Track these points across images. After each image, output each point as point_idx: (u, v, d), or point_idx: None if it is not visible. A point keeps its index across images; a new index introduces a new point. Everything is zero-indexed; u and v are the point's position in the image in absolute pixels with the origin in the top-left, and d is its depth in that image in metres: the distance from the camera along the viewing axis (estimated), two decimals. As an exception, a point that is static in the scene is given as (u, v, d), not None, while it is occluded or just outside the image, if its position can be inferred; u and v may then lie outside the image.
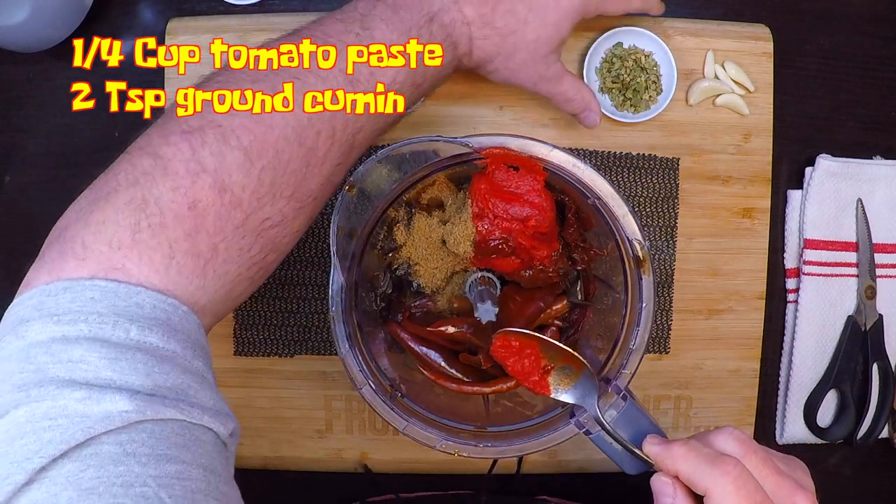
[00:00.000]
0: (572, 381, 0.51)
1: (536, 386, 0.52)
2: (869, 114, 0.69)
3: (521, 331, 0.52)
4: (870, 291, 0.68)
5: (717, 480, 0.39)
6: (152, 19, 0.67)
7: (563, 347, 0.51)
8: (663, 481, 0.43)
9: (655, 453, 0.44)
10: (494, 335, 0.53)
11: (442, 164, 0.51)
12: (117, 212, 0.39)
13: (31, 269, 0.41)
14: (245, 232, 0.42)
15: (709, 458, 0.41)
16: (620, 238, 0.52)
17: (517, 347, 0.52)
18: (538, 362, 0.52)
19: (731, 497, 0.39)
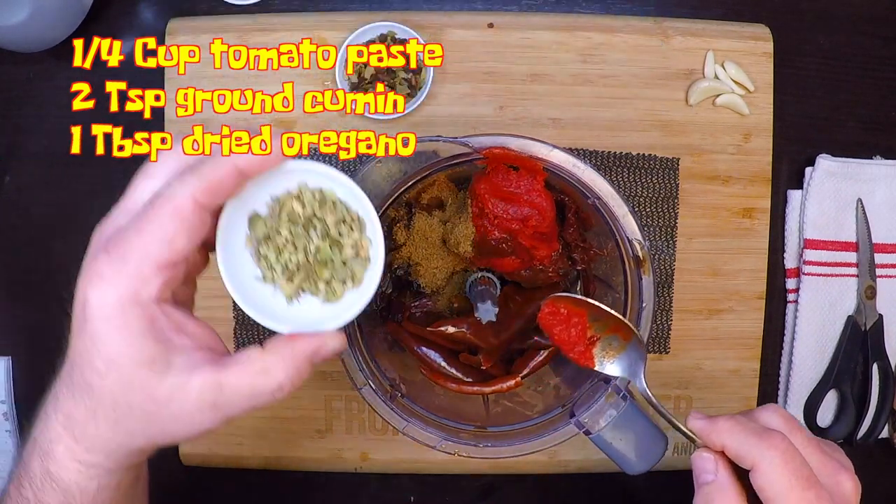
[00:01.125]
0: (618, 352, 0.50)
1: (581, 357, 0.51)
2: (869, 114, 0.69)
3: (571, 295, 0.51)
4: (870, 291, 0.68)
5: (764, 454, 0.39)
6: (152, 19, 0.67)
7: (613, 313, 0.49)
8: (705, 457, 0.42)
9: (700, 428, 0.43)
10: (544, 301, 0.51)
11: (442, 164, 0.51)
12: None
13: None
14: None
15: (756, 432, 0.40)
16: (620, 238, 0.52)
17: (565, 315, 0.51)
18: (584, 332, 0.51)
19: (779, 470, 0.38)
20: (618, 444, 0.49)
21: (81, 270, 0.37)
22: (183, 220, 0.35)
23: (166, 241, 0.35)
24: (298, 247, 0.40)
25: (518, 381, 0.59)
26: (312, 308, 0.41)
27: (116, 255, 0.35)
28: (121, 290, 0.35)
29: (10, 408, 0.68)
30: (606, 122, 0.66)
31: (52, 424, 0.39)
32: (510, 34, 0.65)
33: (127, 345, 0.36)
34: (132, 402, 0.37)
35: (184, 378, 0.36)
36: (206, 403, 0.37)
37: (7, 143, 0.67)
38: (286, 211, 0.40)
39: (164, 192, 0.35)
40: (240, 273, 0.40)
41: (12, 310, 0.68)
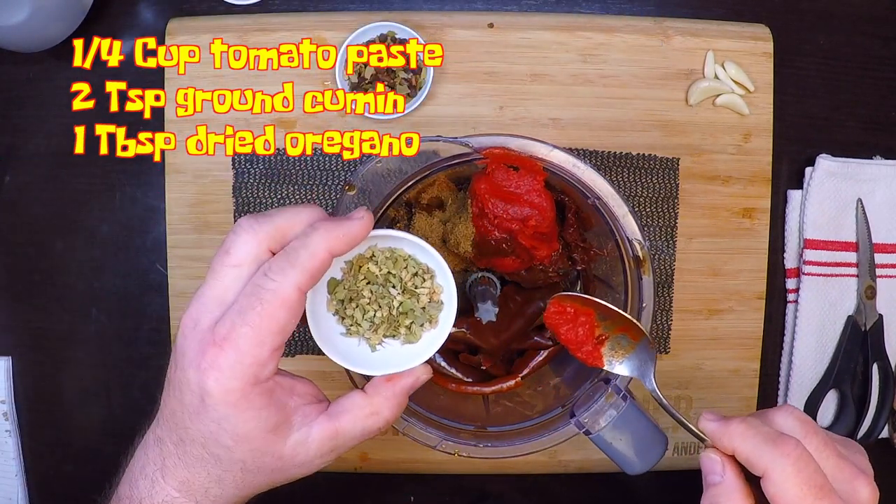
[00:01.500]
0: (627, 352, 0.49)
1: (589, 356, 0.50)
2: (869, 114, 0.69)
3: (577, 295, 0.50)
4: (870, 291, 0.68)
5: (776, 462, 0.38)
6: (152, 19, 0.67)
7: (621, 313, 0.49)
8: (713, 459, 0.41)
9: (712, 430, 0.41)
10: (549, 300, 0.51)
11: (442, 164, 0.51)
12: None
13: None
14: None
15: (769, 438, 0.39)
16: (620, 238, 0.52)
17: (572, 314, 0.51)
18: (592, 331, 0.50)
19: (790, 479, 0.37)
20: (618, 444, 0.49)
21: (183, 359, 0.39)
22: (291, 308, 0.38)
23: (278, 330, 0.38)
24: (382, 304, 0.44)
25: (518, 381, 0.59)
26: (395, 350, 0.45)
27: (230, 347, 0.38)
28: (242, 378, 0.38)
29: (10, 408, 0.68)
30: (606, 122, 0.66)
31: (162, 488, 0.41)
32: (510, 34, 0.65)
33: (254, 420, 0.39)
34: (261, 465, 0.41)
35: (304, 433, 0.41)
36: (325, 449, 0.42)
37: (7, 143, 0.67)
38: (363, 273, 0.44)
39: (268, 285, 0.38)
40: (327, 331, 0.44)
41: (12, 310, 0.68)
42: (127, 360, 0.68)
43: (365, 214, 0.40)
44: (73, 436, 0.69)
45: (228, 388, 0.38)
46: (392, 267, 0.44)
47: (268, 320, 0.37)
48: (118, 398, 0.68)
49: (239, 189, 0.65)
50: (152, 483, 0.42)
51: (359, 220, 0.40)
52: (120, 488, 0.43)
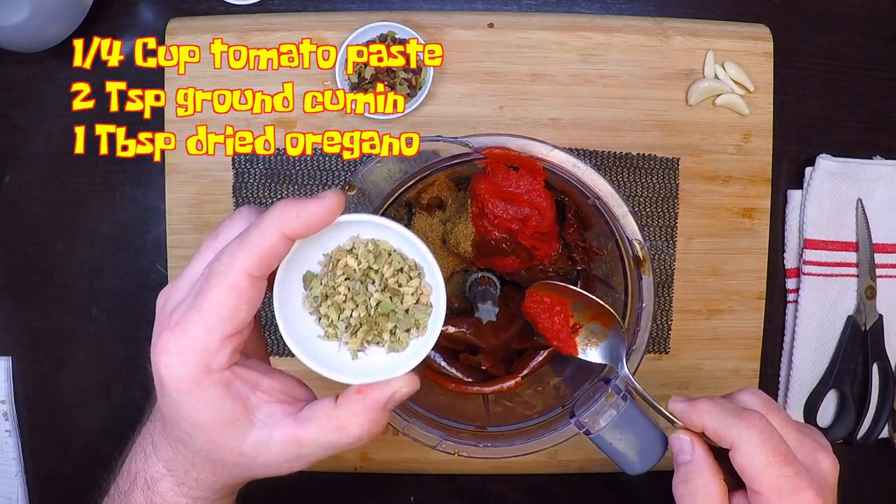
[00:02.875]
0: (600, 339, 0.51)
1: (564, 345, 0.52)
2: (869, 114, 0.69)
3: (554, 283, 0.52)
4: (870, 291, 0.68)
5: (742, 433, 0.40)
6: (152, 19, 0.67)
7: (594, 299, 0.50)
8: (682, 439, 0.43)
9: (681, 410, 0.44)
10: (528, 290, 0.52)
11: (442, 164, 0.51)
12: None
13: None
14: None
15: (734, 412, 0.41)
16: (620, 238, 0.52)
17: (549, 304, 0.52)
18: (567, 320, 0.52)
19: (757, 448, 0.39)
20: (618, 444, 0.49)
21: (152, 342, 0.38)
22: (240, 294, 0.35)
23: (227, 316, 0.36)
24: (359, 302, 0.40)
25: (518, 381, 0.59)
26: (378, 359, 0.41)
27: (180, 332, 0.36)
28: (192, 365, 0.36)
29: (10, 408, 0.68)
30: (606, 122, 0.66)
31: (153, 463, 0.41)
32: (510, 34, 0.65)
33: (209, 411, 0.37)
34: (223, 457, 0.39)
35: (266, 433, 0.38)
36: (289, 455, 0.39)
37: (7, 143, 0.67)
38: (341, 267, 0.39)
39: (217, 267, 0.36)
40: (301, 332, 0.40)
41: (12, 310, 0.68)
42: (127, 360, 0.68)
43: (331, 195, 0.36)
44: (73, 436, 0.69)
45: (178, 375, 0.36)
46: (373, 261, 0.39)
47: (216, 306, 0.35)
48: (118, 398, 0.68)
49: (239, 189, 0.65)
50: (146, 457, 0.41)
51: (319, 200, 0.36)
52: (125, 461, 0.44)
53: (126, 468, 0.43)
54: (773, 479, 0.39)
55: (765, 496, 0.39)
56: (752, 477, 0.39)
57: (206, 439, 0.38)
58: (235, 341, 0.37)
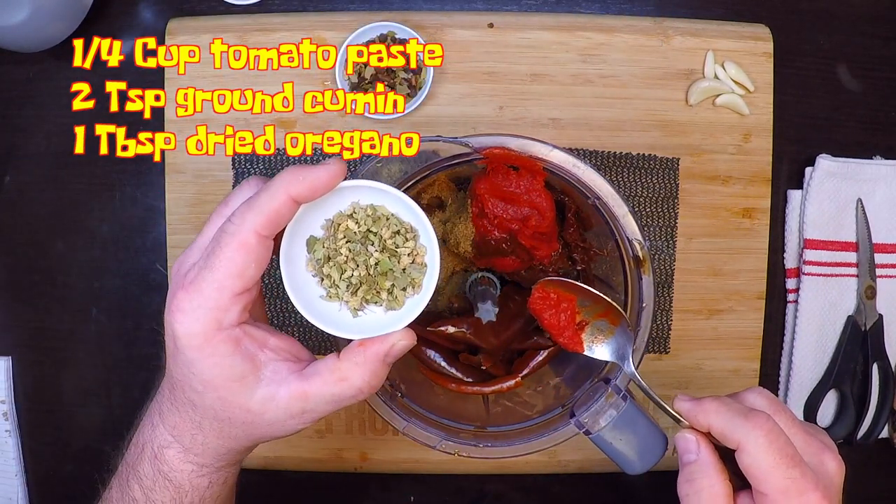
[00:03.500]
0: (607, 336, 0.50)
1: (570, 341, 0.51)
2: (869, 114, 0.69)
3: (561, 279, 0.52)
4: (870, 291, 0.68)
5: (749, 434, 0.40)
6: (152, 19, 0.67)
7: (602, 297, 0.50)
8: (687, 438, 0.43)
9: (687, 409, 0.43)
10: (534, 285, 0.52)
11: (442, 164, 0.51)
12: None
13: None
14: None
15: (741, 412, 0.41)
16: (620, 238, 0.52)
17: (555, 300, 0.52)
18: (574, 317, 0.51)
19: (763, 449, 0.39)
20: (618, 444, 0.49)
21: (166, 304, 0.39)
22: (249, 252, 0.38)
23: (237, 273, 0.38)
24: (359, 262, 0.42)
25: (518, 381, 0.59)
26: (377, 317, 0.43)
27: (194, 290, 0.38)
28: (204, 321, 0.38)
29: (10, 408, 0.68)
30: (606, 122, 0.66)
31: (160, 432, 0.43)
32: (510, 34, 0.65)
33: (218, 367, 0.39)
34: (231, 415, 0.41)
35: (273, 389, 0.40)
36: (295, 410, 0.41)
37: (7, 143, 0.67)
38: (342, 230, 0.42)
39: (228, 228, 0.38)
40: (306, 294, 0.42)
41: (12, 310, 0.68)
42: (127, 360, 0.68)
43: (335, 161, 0.39)
44: (73, 436, 0.69)
45: (191, 331, 0.38)
46: (372, 225, 0.42)
47: (227, 263, 0.38)
48: (118, 398, 0.68)
49: (239, 189, 0.65)
50: (153, 428, 0.43)
51: (325, 166, 0.39)
52: (134, 436, 0.45)
53: (134, 441, 0.44)
54: (780, 480, 0.39)
55: (771, 497, 0.39)
56: (759, 478, 0.39)
57: (216, 396, 0.40)
58: (245, 299, 0.39)
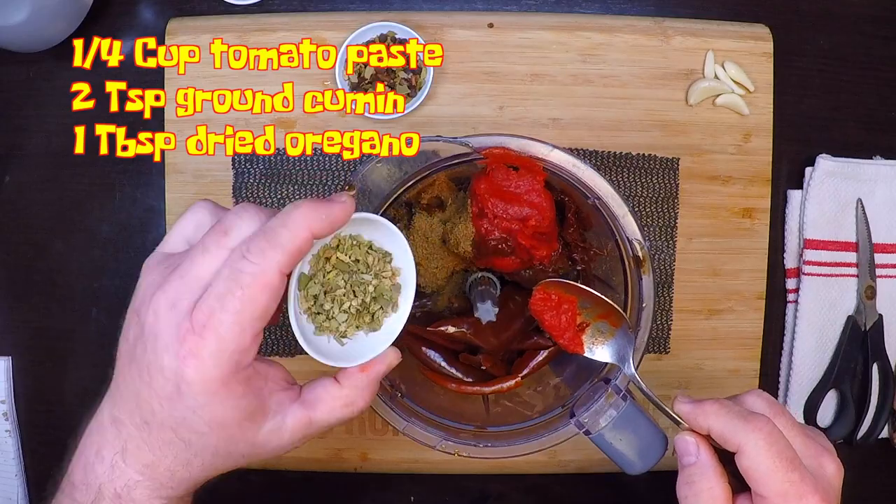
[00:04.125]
0: (607, 338, 0.51)
1: (570, 343, 0.52)
2: (869, 114, 0.69)
3: (562, 281, 0.52)
4: (870, 291, 0.68)
5: (749, 437, 0.40)
6: (152, 19, 0.67)
7: (603, 298, 0.50)
8: (687, 440, 0.43)
9: (687, 411, 0.44)
10: (536, 287, 0.52)
11: (442, 164, 0.51)
12: None
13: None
14: None
15: (741, 415, 0.41)
16: (620, 238, 0.52)
17: (555, 301, 0.52)
18: (574, 318, 0.52)
19: (763, 452, 0.39)
20: (618, 444, 0.49)
21: (156, 342, 0.37)
22: (272, 291, 0.37)
23: (260, 315, 0.37)
24: (357, 293, 0.43)
25: (518, 381, 0.59)
26: (362, 341, 0.44)
27: (211, 335, 0.36)
28: (224, 366, 0.37)
29: (10, 408, 0.68)
30: (606, 122, 0.66)
31: (123, 472, 0.40)
32: (510, 34, 0.65)
33: (232, 409, 0.38)
34: (233, 450, 0.40)
35: (279, 421, 0.41)
36: (298, 437, 0.41)
37: (7, 143, 0.67)
38: (332, 263, 0.42)
39: (247, 267, 0.36)
40: (303, 331, 0.41)
41: (12, 310, 0.68)
42: (127, 360, 0.68)
43: (347, 198, 0.39)
44: (73, 436, 0.69)
45: (209, 377, 0.36)
46: (358, 253, 0.42)
47: (250, 305, 0.36)
48: (118, 398, 0.68)
49: (239, 189, 0.65)
50: (112, 468, 0.40)
51: (341, 203, 0.38)
52: (73, 474, 0.42)
53: (80, 480, 0.41)
54: (779, 484, 0.39)
55: (770, 501, 0.39)
56: (758, 481, 0.39)
57: (224, 436, 0.39)
58: (261, 337, 0.38)
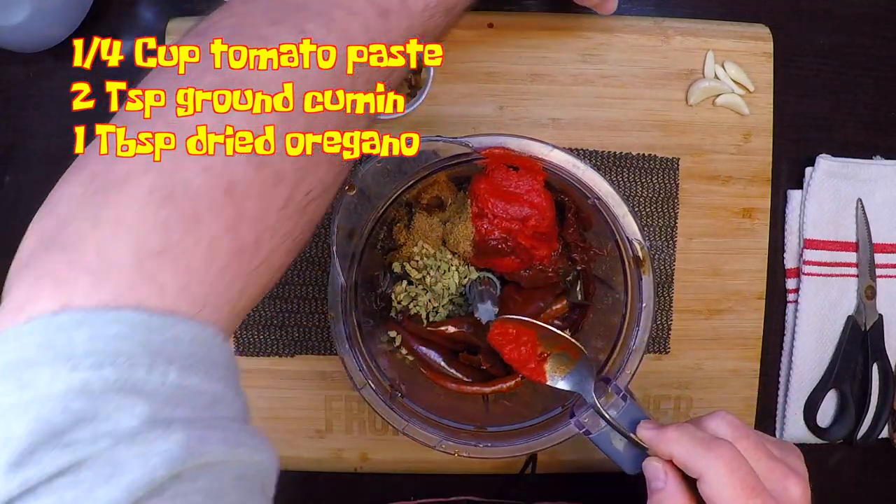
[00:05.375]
0: (568, 368, 0.51)
1: (533, 373, 0.52)
2: (869, 114, 0.69)
3: (518, 318, 0.52)
4: (870, 291, 0.68)
5: (710, 464, 0.40)
6: (152, 19, 0.67)
7: (560, 334, 0.51)
8: (654, 466, 0.43)
9: (649, 438, 0.44)
10: (492, 323, 0.53)
11: (442, 164, 0.51)
12: (138, 207, 0.32)
13: (17, 278, 0.33)
14: (289, 213, 0.35)
15: (702, 442, 0.41)
16: (620, 238, 0.52)
17: (514, 335, 0.53)
18: (534, 349, 0.52)
19: (724, 480, 0.39)
20: (618, 444, 0.49)
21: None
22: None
23: None
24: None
25: (518, 381, 0.59)
26: None
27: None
28: None
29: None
30: (606, 122, 0.66)
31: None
32: (510, 34, 0.65)
33: None
34: None
35: None
36: None
37: (7, 143, 0.67)
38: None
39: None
40: None
41: (12, 310, 0.68)
42: (127, 360, 0.68)
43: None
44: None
45: None
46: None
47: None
48: (118, 398, 0.68)
49: (239, 189, 0.65)
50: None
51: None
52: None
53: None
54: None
55: None
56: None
57: None
58: None
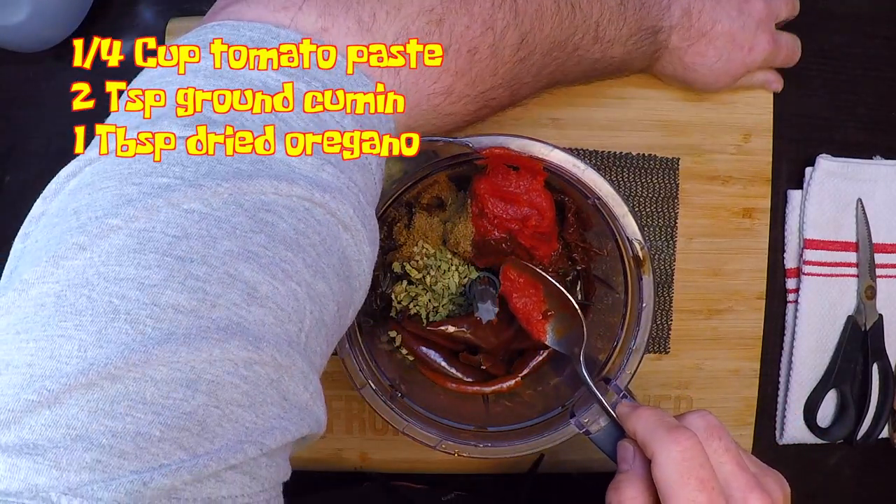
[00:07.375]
0: (566, 331, 0.52)
1: (534, 328, 0.53)
2: (869, 114, 0.69)
3: (528, 265, 0.52)
4: (870, 291, 0.68)
5: (665, 446, 0.38)
6: (152, 19, 0.67)
7: (563, 291, 0.51)
8: (625, 447, 0.43)
9: (623, 413, 0.44)
10: (504, 263, 0.53)
11: (442, 164, 0.51)
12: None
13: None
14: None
15: (665, 425, 0.40)
16: (620, 238, 0.52)
17: (522, 284, 0.53)
18: (539, 306, 0.53)
19: (674, 465, 0.38)
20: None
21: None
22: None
23: None
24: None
25: (518, 381, 0.59)
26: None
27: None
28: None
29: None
30: (606, 122, 0.66)
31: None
32: (510, 34, 0.65)
33: None
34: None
35: None
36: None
37: (7, 143, 0.67)
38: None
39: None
40: None
41: (12, 310, 0.68)
42: (127, 360, 0.68)
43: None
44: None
45: None
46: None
47: None
48: (118, 398, 0.68)
49: (239, 189, 0.65)
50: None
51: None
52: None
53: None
54: (684, 501, 0.37)
55: None
56: (665, 494, 0.38)
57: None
58: None
